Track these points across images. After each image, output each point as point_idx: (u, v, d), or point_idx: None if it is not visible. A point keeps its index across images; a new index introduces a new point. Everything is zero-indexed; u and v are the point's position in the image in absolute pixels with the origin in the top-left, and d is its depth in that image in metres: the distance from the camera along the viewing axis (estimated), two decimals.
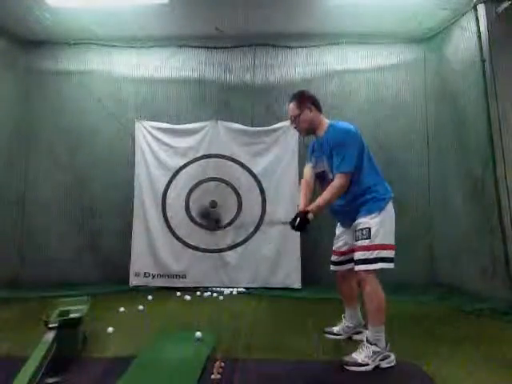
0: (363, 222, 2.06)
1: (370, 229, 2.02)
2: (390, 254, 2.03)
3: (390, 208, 2.10)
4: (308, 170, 2.38)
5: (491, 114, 3.15)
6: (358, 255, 2.06)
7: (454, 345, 2.24)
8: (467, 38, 3.39)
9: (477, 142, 3.28)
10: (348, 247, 2.25)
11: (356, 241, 2.08)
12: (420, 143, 4.03)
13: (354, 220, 2.12)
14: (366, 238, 2.02)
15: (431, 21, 3.68)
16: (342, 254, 2.31)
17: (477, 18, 3.28)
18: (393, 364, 1.96)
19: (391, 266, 2.02)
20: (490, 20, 3.25)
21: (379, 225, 2.03)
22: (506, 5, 3.21)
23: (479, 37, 3.26)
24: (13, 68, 4.03)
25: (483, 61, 3.21)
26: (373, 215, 2.04)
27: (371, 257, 2.00)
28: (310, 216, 2.02)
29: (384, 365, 1.94)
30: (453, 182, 3.68)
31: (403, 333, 2.39)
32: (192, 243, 3.90)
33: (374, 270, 2.00)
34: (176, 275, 3.85)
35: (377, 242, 2.01)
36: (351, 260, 2.16)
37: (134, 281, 3.83)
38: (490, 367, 1.94)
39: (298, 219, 2.03)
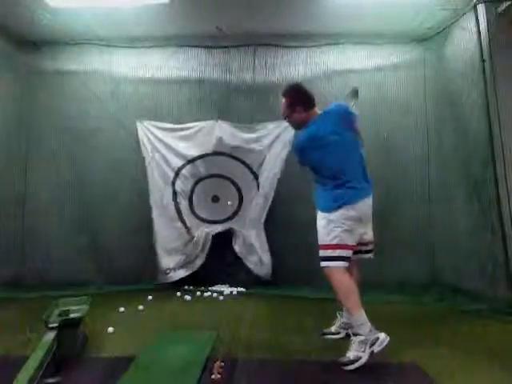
0: (317, 222, 2.16)
1: (318, 231, 2.14)
2: (342, 253, 2.06)
3: (345, 211, 2.07)
4: None
5: (491, 113, 3.14)
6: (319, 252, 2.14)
7: (453, 345, 2.24)
8: (467, 38, 3.38)
9: (477, 141, 3.28)
10: None
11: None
12: (420, 143, 4.01)
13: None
14: (321, 239, 2.13)
15: (431, 21, 3.67)
16: None
17: (477, 18, 3.28)
18: (386, 343, 1.92)
19: (342, 264, 2.05)
20: (490, 20, 3.24)
21: (329, 226, 2.08)
22: (506, 5, 3.21)
23: (479, 37, 3.25)
24: (13, 68, 4.01)
25: (483, 61, 3.20)
26: (324, 214, 2.11)
27: (329, 255, 2.08)
28: None
29: (377, 348, 1.91)
30: (453, 182, 3.67)
31: (403, 333, 2.39)
32: None
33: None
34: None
35: (327, 242, 2.08)
36: None
37: (161, 278, 3.84)
38: (490, 367, 1.94)
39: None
